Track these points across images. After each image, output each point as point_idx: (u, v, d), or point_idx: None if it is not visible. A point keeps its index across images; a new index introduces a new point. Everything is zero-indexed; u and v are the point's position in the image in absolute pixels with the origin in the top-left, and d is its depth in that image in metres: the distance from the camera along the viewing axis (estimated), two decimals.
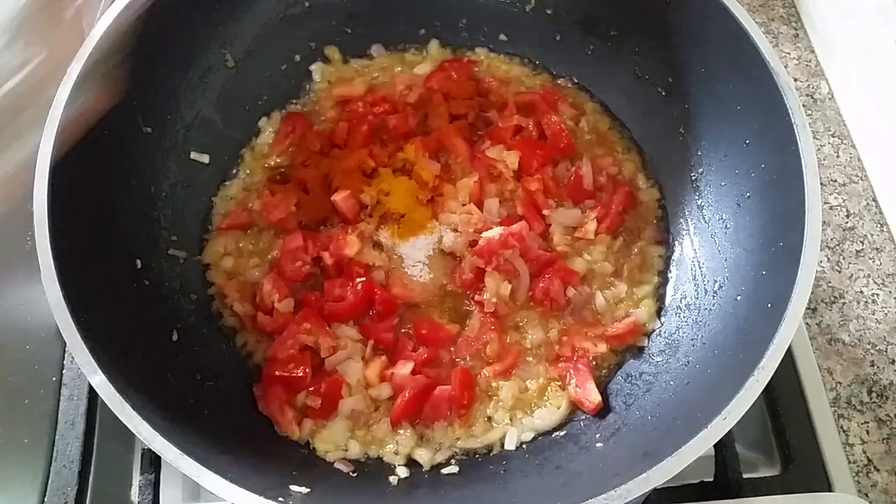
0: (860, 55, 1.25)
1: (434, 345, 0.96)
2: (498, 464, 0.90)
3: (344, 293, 0.98)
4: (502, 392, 0.94)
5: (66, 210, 0.79)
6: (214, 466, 0.67)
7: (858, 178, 1.23)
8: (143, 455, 0.91)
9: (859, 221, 1.19)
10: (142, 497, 0.89)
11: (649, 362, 0.95)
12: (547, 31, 1.15)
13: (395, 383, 0.93)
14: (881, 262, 1.15)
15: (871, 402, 1.04)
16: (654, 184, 1.09)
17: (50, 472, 0.91)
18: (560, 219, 1.04)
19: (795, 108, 0.83)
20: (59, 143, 0.80)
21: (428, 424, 0.92)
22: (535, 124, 1.10)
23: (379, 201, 1.04)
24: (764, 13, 1.41)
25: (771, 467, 0.96)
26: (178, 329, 0.92)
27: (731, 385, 0.72)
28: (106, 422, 0.95)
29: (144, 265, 0.92)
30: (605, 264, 1.02)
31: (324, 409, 0.91)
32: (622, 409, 0.91)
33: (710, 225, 0.99)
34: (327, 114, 1.13)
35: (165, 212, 0.99)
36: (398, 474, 0.88)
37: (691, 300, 0.97)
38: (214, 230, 1.04)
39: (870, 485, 0.99)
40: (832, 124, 1.29)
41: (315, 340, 0.95)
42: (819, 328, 1.10)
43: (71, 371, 0.97)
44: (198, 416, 0.83)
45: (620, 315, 0.99)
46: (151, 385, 0.79)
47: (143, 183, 0.97)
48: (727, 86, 0.94)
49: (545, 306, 0.99)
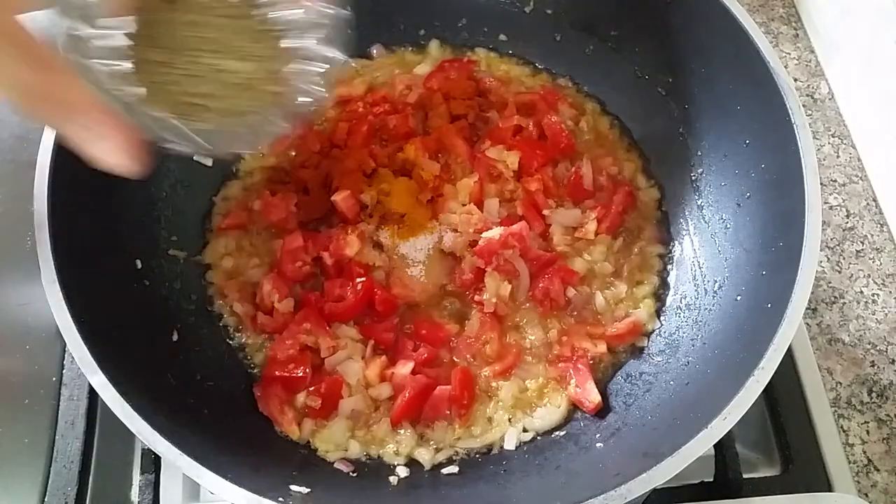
0: (860, 55, 1.25)
1: (434, 345, 0.96)
2: (498, 464, 0.90)
3: (344, 293, 0.98)
4: (502, 392, 0.94)
5: (66, 210, 0.79)
6: (214, 466, 0.67)
7: (858, 178, 1.23)
8: (143, 455, 0.91)
9: (859, 221, 1.19)
10: (142, 497, 0.89)
11: (649, 362, 0.95)
12: (547, 31, 1.15)
13: (396, 383, 0.93)
14: (881, 262, 1.15)
15: (871, 402, 1.05)
16: (654, 184, 1.09)
17: (50, 472, 0.91)
18: (560, 219, 1.04)
19: (795, 108, 0.83)
20: (59, 142, 0.80)
21: (428, 424, 0.92)
22: (535, 124, 1.10)
23: (379, 201, 1.04)
24: (764, 13, 1.41)
25: (771, 467, 0.96)
26: (178, 329, 0.92)
27: (731, 385, 0.72)
28: (106, 422, 0.95)
29: (144, 265, 0.92)
30: (605, 264, 1.02)
31: (324, 409, 0.91)
32: (622, 409, 0.91)
33: (710, 225, 0.99)
34: (327, 114, 1.13)
35: (165, 212, 0.99)
36: (398, 474, 0.88)
37: (691, 300, 0.97)
38: (214, 230, 1.04)
39: (870, 485, 0.99)
40: (832, 124, 1.29)
41: (315, 340, 0.95)
42: (819, 328, 1.10)
43: (71, 371, 0.97)
44: (198, 416, 0.83)
45: (620, 315, 0.99)
46: (151, 385, 0.79)
47: (143, 183, 0.96)
48: (727, 86, 0.94)
49: (545, 306, 0.99)
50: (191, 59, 0.60)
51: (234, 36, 0.62)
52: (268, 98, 0.64)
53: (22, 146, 1.10)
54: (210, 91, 0.61)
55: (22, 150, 1.09)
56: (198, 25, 0.61)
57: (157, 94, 0.59)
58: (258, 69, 0.63)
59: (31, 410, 0.96)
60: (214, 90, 0.61)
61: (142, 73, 0.58)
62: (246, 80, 0.62)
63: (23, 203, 0.78)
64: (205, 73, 0.61)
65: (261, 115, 0.63)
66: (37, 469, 0.92)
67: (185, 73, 0.60)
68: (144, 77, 0.58)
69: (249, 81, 0.62)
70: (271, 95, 0.64)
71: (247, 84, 0.62)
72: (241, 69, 0.62)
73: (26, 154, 1.06)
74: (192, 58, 0.60)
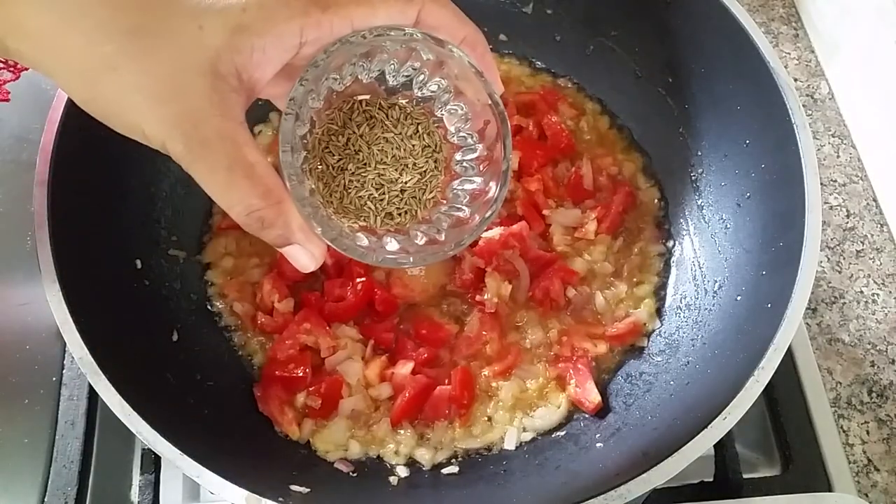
0: (860, 55, 1.25)
1: (434, 345, 0.96)
2: (498, 464, 0.90)
3: (344, 293, 0.98)
4: (502, 392, 0.94)
5: (66, 210, 0.79)
6: (214, 466, 0.67)
7: (858, 178, 1.23)
8: (143, 455, 0.91)
9: (859, 221, 1.19)
10: (142, 497, 0.89)
11: (649, 362, 0.95)
12: (547, 31, 1.15)
13: (396, 383, 0.93)
14: (881, 262, 1.15)
15: (871, 402, 1.05)
16: (654, 184, 1.09)
17: (50, 472, 0.91)
18: (560, 219, 1.04)
19: (795, 108, 0.83)
20: (59, 142, 0.80)
21: (428, 424, 0.92)
22: (535, 124, 1.10)
23: None
24: (764, 13, 1.41)
25: (771, 467, 0.96)
26: (178, 329, 0.92)
27: (731, 385, 0.72)
28: (106, 422, 0.95)
29: (144, 265, 0.92)
30: (605, 264, 1.02)
31: (324, 409, 0.91)
32: (622, 409, 0.91)
33: (710, 225, 0.99)
34: None
35: (165, 212, 0.99)
36: (398, 474, 0.88)
37: (691, 300, 0.97)
38: (214, 230, 1.04)
39: (870, 485, 0.99)
40: (832, 124, 1.29)
41: (315, 340, 0.95)
42: (819, 328, 1.10)
43: (71, 371, 0.97)
44: (198, 416, 0.83)
45: (620, 315, 0.99)
46: (151, 385, 0.79)
47: (143, 183, 0.96)
48: (727, 86, 0.94)
49: (545, 306, 0.99)
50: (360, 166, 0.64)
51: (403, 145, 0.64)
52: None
53: (22, 146, 1.10)
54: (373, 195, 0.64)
55: (22, 150, 1.09)
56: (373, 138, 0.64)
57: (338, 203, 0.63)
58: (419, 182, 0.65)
59: (31, 410, 0.95)
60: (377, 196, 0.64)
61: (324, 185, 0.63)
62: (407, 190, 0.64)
63: (23, 203, 0.78)
64: (370, 180, 0.63)
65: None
66: (37, 469, 0.91)
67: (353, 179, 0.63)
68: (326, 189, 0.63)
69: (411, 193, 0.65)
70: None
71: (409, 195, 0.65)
72: (403, 179, 0.64)
73: (26, 154, 1.06)
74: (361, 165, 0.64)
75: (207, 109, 0.52)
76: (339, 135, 0.63)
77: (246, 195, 0.54)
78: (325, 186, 0.63)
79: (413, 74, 0.63)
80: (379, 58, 0.60)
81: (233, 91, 0.53)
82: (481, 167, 0.64)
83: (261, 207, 0.54)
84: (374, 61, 0.60)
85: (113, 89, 0.52)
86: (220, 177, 0.54)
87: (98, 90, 0.52)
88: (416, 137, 0.64)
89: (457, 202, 0.64)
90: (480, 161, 0.64)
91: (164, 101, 0.52)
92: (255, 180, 0.54)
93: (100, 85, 0.52)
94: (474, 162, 0.64)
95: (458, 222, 0.64)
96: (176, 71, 0.51)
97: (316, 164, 0.63)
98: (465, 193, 0.64)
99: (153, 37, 0.51)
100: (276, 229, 0.56)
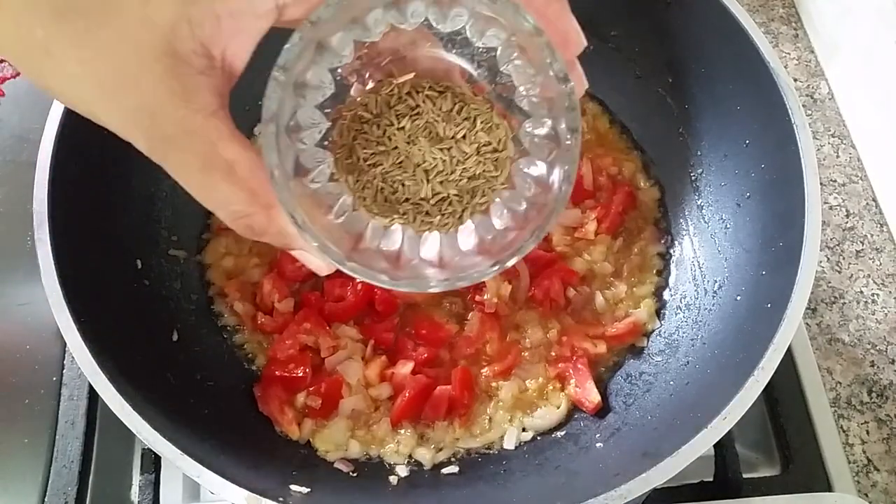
0: (860, 55, 1.25)
1: (434, 345, 0.96)
2: (498, 464, 0.90)
3: (344, 293, 0.98)
4: (502, 392, 0.94)
5: (66, 210, 0.79)
6: (214, 466, 0.67)
7: (858, 178, 1.23)
8: (143, 455, 0.91)
9: (859, 221, 1.19)
10: (142, 497, 0.89)
11: (649, 362, 0.95)
12: None
13: (396, 383, 0.93)
14: (881, 262, 1.15)
15: (871, 402, 1.05)
16: (654, 184, 1.09)
17: (50, 472, 0.91)
18: (560, 219, 1.04)
19: (795, 108, 0.83)
20: (59, 142, 0.80)
21: (428, 424, 0.92)
22: None
23: None
24: (764, 13, 1.41)
25: (771, 467, 0.96)
26: (178, 329, 0.92)
27: (731, 385, 0.72)
28: (106, 422, 0.95)
29: (144, 265, 0.92)
30: (605, 264, 1.02)
31: (324, 409, 0.91)
32: (622, 409, 0.91)
33: (710, 225, 0.99)
34: None
35: (165, 212, 0.99)
36: (398, 474, 0.88)
37: (691, 300, 0.97)
38: (214, 230, 1.04)
39: (870, 485, 0.99)
40: (832, 124, 1.29)
41: (315, 340, 0.95)
42: (819, 328, 1.10)
43: (71, 371, 0.97)
44: (198, 416, 0.83)
45: (620, 315, 0.99)
46: (151, 385, 0.79)
47: (143, 183, 0.96)
48: (727, 86, 0.94)
49: (545, 306, 0.99)
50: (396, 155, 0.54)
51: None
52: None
53: (22, 146, 1.10)
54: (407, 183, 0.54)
55: (22, 150, 1.09)
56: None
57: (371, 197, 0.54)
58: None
59: (31, 410, 0.96)
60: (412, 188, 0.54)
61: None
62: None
63: (23, 203, 0.78)
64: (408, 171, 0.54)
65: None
66: (37, 469, 0.92)
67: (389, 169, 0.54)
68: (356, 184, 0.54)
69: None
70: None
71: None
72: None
73: (26, 154, 1.06)
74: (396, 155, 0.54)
75: (166, 100, 0.43)
76: (373, 125, 0.53)
77: (226, 200, 0.46)
78: (357, 181, 0.54)
79: (465, 23, 0.50)
80: (413, 7, 0.48)
81: (200, 74, 0.44)
82: (547, 150, 0.52)
83: (247, 213, 0.46)
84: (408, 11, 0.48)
85: (57, 80, 0.44)
86: (195, 179, 0.45)
87: (45, 80, 0.45)
88: (471, 135, 0.53)
89: (522, 192, 0.53)
90: (548, 141, 0.52)
91: (112, 92, 0.43)
92: (236, 183, 0.45)
93: (44, 74, 0.44)
94: (543, 140, 0.52)
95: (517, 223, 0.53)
96: (121, 56, 0.42)
97: (344, 155, 0.53)
98: (531, 182, 0.53)
99: (86, 18, 0.42)
100: (269, 237, 0.48)
